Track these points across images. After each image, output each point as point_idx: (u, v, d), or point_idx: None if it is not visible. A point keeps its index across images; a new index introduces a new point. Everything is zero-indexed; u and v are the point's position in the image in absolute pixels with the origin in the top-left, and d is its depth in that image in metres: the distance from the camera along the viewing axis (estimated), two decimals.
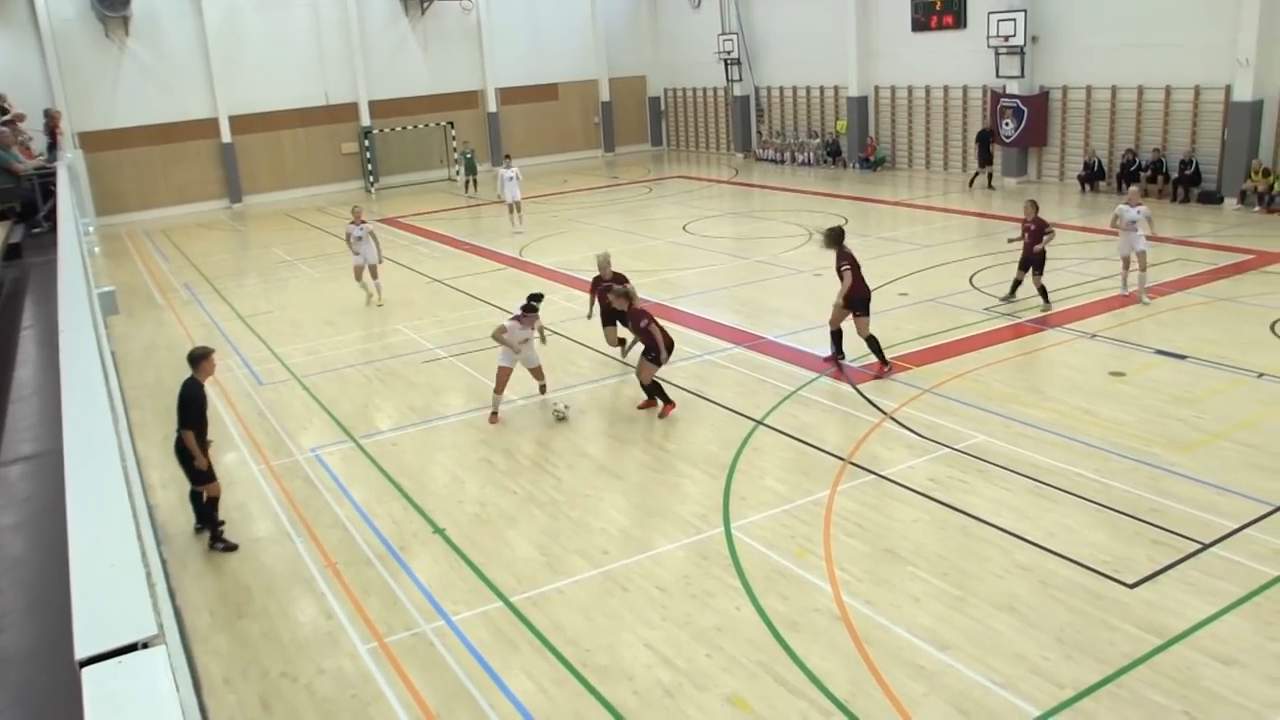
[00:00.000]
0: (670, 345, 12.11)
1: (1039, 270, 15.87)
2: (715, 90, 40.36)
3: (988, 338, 14.64)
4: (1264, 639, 7.25)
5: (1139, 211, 16.14)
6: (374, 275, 18.86)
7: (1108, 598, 7.86)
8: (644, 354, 12.14)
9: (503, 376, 12.48)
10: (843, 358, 13.74)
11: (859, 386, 12.85)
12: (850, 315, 13.30)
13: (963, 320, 15.53)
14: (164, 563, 5.00)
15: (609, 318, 14.00)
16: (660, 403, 12.28)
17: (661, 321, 12.58)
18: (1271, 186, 23.50)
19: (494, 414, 12.53)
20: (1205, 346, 13.56)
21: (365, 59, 36.74)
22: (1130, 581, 8.05)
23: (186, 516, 9.99)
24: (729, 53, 37.68)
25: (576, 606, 8.21)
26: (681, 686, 7.04)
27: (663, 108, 43.83)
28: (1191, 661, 7.02)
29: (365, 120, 36.92)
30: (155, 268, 24.90)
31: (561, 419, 12.37)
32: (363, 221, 18.71)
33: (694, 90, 41.78)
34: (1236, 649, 7.13)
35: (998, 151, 29.75)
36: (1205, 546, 8.53)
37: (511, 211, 25.53)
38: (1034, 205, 16.06)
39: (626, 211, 28.62)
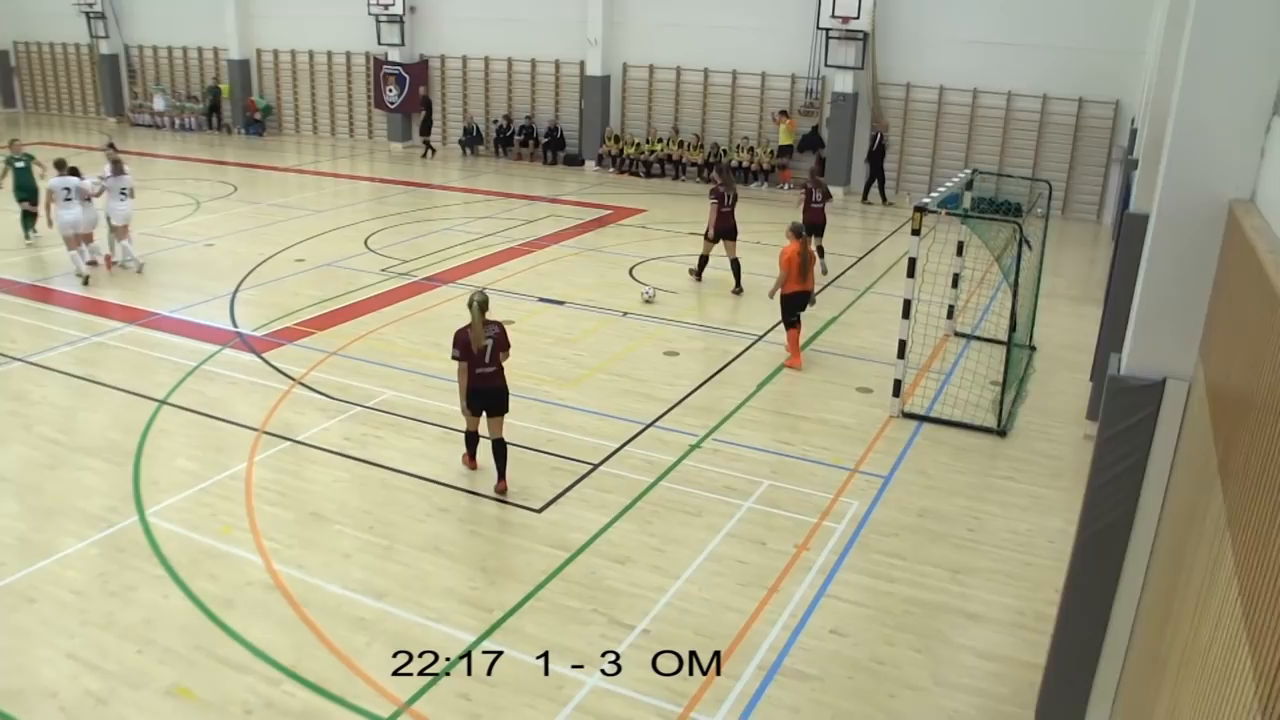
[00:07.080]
0: None
1: None
2: (79, 46, 35.95)
3: (386, 298, 14.97)
4: (646, 536, 8.41)
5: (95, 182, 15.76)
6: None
7: (519, 524, 8.58)
8: None
9: None
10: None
11: (264, 355, 12.51)
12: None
13: (360, 282, 15.71)
14: None
15: None
16: None
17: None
18: (621, 150, 26.76)
19: None
20: (579, 292, 15.14)
21: None
22: (537, 507, 8.85)
23: None
24: (91, 4, 33.81)
25: None
26: (115, 691, 6.42)
27: (13, 63, 38.10)
28: (594, 567, 7.93)
29: None
30: None
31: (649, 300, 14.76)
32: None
33: (51, 45, 36.87)
34: (627, 549, 8.18)
35: (385, 117, 30.38)
36: (595, 467, 9.64)
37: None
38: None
39: None
